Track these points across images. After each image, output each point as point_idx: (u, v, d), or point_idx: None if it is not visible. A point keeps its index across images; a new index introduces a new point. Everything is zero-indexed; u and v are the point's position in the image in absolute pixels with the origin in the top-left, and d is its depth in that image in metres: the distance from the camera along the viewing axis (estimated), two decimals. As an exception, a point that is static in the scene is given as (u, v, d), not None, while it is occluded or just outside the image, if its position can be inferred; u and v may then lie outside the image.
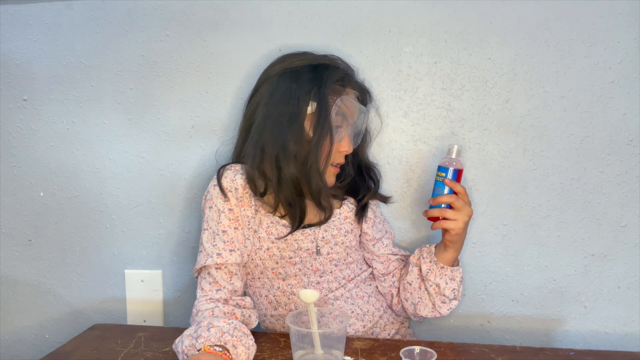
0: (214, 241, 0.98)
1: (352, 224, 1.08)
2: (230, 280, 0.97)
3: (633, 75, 1.08)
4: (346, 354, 0.92)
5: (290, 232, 1.00)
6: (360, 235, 1.11)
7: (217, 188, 0.99)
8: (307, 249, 1.02)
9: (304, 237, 1.02)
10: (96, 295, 1.30)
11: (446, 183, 1.01)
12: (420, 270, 1.07)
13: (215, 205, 0.99)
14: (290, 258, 1.02)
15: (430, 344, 0.92)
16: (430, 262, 1.05)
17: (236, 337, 0.83)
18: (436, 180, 1.03)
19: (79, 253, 1.29)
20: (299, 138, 0.96)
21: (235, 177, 0.99)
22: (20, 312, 1.32)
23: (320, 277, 1.03)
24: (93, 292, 1.30)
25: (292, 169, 0.96)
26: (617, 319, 1.15)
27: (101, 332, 1.05)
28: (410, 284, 1.07)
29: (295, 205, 0.99)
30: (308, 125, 0.97)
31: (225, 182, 0.98)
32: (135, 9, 1.20)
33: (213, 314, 0.91)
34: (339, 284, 1.04)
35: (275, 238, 1.00)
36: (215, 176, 1.01)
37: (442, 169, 1.02)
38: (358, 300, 1.06)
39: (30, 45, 1.24)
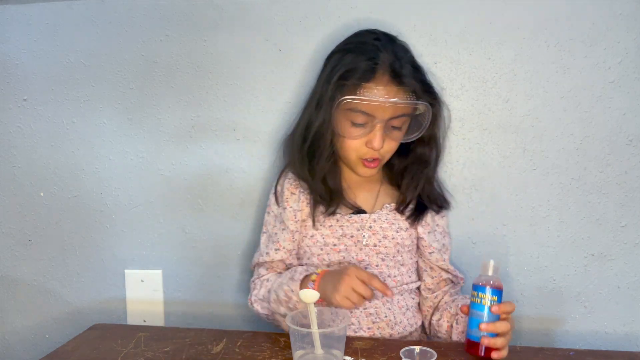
0: (268, 242, 1.08)
1: (408, 223, 1.06)
2: (286, 267, 1.07)
3: (633, 75, 1.08)
4: (346, 354, 0.92)
5: (328, 211, 1.03)
6: (417, 239, 1.08)
7: (273, 196, 1.09)
8: (352, 236, 1.02)
9: (349, 224, 1.03)
10: (96, 295, 1.30)
11: (493, 311, 0.87)
12: (450, 326, 1.03)
13: (272, 211, 1.09)
14: (335, 245, 1.03)
15: (430, 344, 0.91)
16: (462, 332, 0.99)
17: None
18: (473, 302, 0.89)
19: (79, 253, 1.29)
20: (309, 129, 1.01)
21: (284, 182, 1.08)
22: (20, 312, 1.32)
23: (365, 269, 1.02)
24: (93, 292, 1.30)
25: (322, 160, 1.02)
26: (617, 319, 1.15)
27: (101, 332, 1.05)
28: (439, 328, 1.05)
29: (328, 186, 1.03)
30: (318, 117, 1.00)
31: (279, 188, 1.09)
32: (135, 9, 1.20)
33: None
34: (383, 279, 1.02)
35: (317, 223, 1.03)
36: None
37: (478, 288, 0.88)
38: (395, 308, 1.03)
39: (30, 45, 1.24)
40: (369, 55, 0.96)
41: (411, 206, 1.06)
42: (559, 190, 1.13)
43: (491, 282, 0.88)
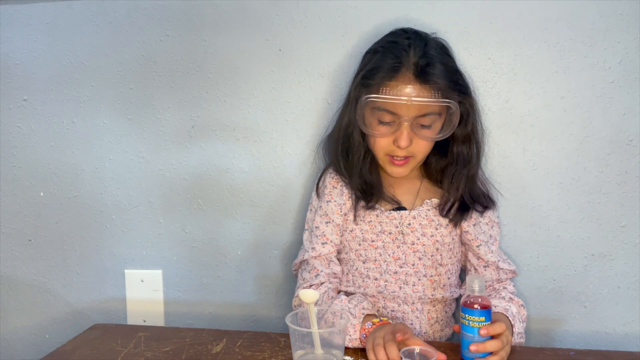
0: (311, 238, 1.07)
1: (452, 225, 1.04)
2: (329, 266, 1.05)
3: (633, 75, 1.08)
4: (346, 354, 0.92)
5: (368, 205, 1.03)
6: (461, 235, 1.07)
7: (315, 194, 1.10)
8: (390, 233, 1.02)
9: (389, 220, 1.03)
10: (96, 295, 1.30)
11: (482, 334, 0.84)
12: None
13: (313, 207, 1.09)
14: (373, 241, 1.03)
15: (430, 344, 0.91)
16: None
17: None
18: (462, 324, 0.86)
19: (79, 253, 1.29)
20: (340, 128, 1.04)
21: (325, 178, 1.09)
22: (20, 312, 1.32)
23: (400, 267, 1.02)
24: (93, 292, 1.30)
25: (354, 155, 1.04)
26: (617, 319, 1.15)
27: (101, 332, 1.05)
28: None
29: (367, 181, 1.04)
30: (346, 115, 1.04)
31: (321, 184, 1.10)
32: (135, 9, 1.20)
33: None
34: (418, 279, 1.02)
35: (358, 218, 1.04)
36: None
37: (467, 310, 0.85)
38: (424, 318, 1.03)
39: (30, 45, 1.24)
40: (395, 54, 0.96)
41: (454, 208, 1.04)
42: (559, 190, 1.13)
43: (479, 300, 0.85)
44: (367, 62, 1.00)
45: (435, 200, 1.05)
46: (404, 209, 1.04)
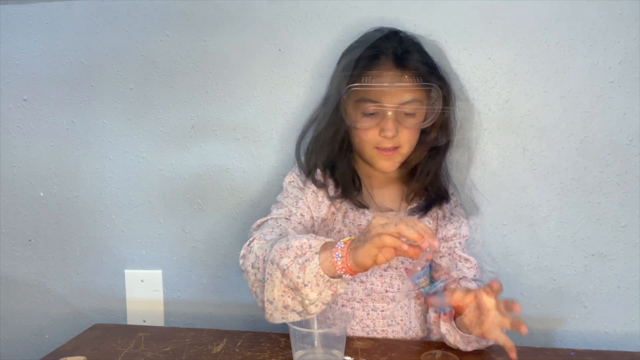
0: (278, 209, 1.00)
1: (430, 223, 1.04)
2: (290, 226, 0.97)
3: (633, 75, 1.08)
4: (346, 354, 0.92)
5: (338, 197, 1.02)
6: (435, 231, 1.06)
7: (297, 176, 1.06)
8: None
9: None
10: (96, 295, 1.30)
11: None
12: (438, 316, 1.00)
13: (290, 181, 1.05)
14: None
15: (429, 344, 0.91)
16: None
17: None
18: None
19: (79, 253, 1.29)
20: (320, 126, 1.04)
21: (316, 170, 1.06)
22: (20, 312, 1.32)
23: (385, 270, 1.02)
24: (93, 292, 1.30)
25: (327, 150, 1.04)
26: (617, 319, 1.15)
27: (101, 332, 1.05)
28: (428, 319, 1.03)
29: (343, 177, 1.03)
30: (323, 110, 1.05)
31: (307, 177, 1.05)
32: (135, 9, 1.20)
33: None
34: (402, 282, 1.02)
35: (346, 219, 1.03)
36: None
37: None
38: (412, 312, 1.03)
39: (30, 45, 1.24)
40: (373, 44, 0.98)
41: (418, 198, 1.05)
42: (559, 190, 1.13)
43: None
44: (345, 58, 1.02)
45: (417, 204, 1.06)
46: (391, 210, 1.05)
